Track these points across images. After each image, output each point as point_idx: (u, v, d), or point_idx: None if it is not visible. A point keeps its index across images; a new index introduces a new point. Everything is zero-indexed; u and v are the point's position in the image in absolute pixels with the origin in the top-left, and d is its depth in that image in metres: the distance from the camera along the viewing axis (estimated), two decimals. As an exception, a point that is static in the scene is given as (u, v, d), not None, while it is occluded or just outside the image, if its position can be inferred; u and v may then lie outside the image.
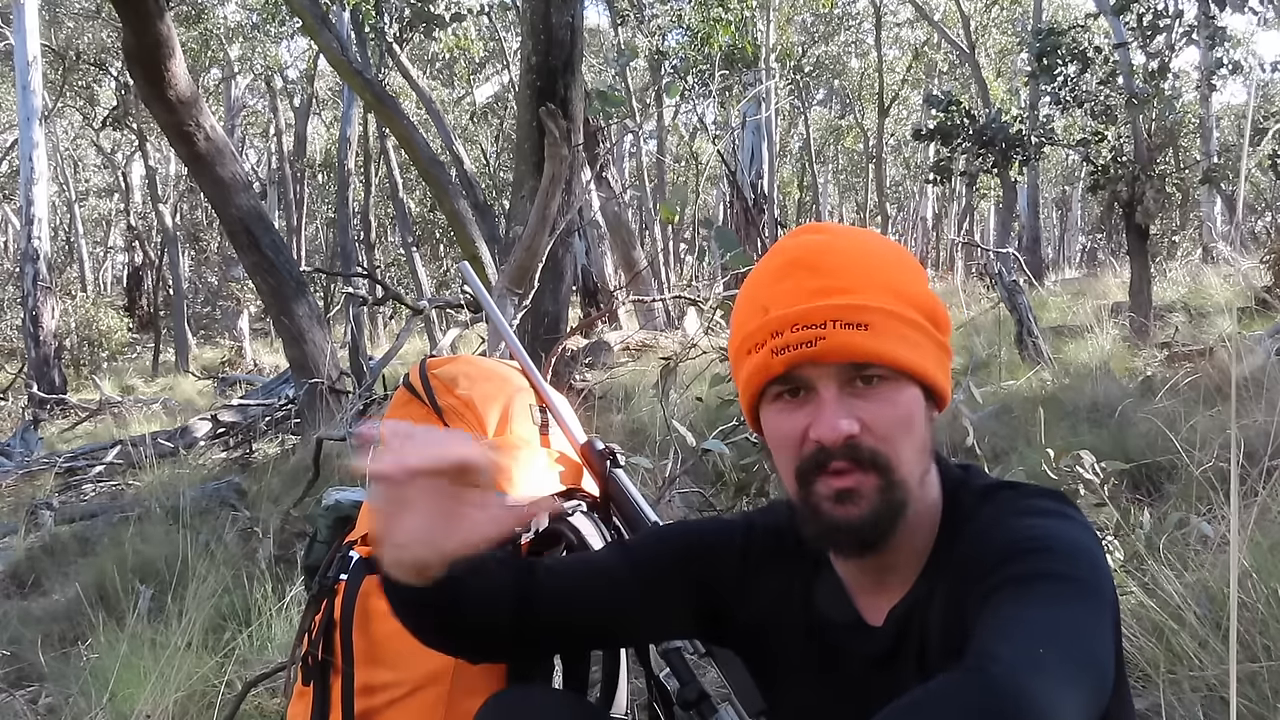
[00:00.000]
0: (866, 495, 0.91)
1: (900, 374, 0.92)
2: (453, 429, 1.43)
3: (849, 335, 0.90)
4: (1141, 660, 1.84)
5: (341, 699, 1.31)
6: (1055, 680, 0.73)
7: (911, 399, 0.93)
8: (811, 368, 0.91)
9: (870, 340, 0.90)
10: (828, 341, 0.90)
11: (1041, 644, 0.76)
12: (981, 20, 18.81)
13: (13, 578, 3.89)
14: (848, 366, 0.91)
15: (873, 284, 0.93)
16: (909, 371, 0.92)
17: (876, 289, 0.92)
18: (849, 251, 0.96)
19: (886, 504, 0.91)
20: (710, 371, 3.35)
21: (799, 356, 0.91)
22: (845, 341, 0.90)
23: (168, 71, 4.86)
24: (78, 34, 17.99)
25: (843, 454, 0.91)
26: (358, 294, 9.69)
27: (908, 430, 0.92)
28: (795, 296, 0.93)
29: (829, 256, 0.95)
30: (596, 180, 10.46)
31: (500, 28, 14.84)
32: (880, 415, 0.91)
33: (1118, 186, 7.21)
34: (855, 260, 0.95)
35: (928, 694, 0.75)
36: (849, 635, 1.01)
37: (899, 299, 0.93)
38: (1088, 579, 0.84)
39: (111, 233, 26.73)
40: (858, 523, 0.91)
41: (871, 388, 0.92)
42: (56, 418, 10.11)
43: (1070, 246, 28.63)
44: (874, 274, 0.94)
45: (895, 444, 0.91)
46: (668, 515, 3.07)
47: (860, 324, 0.90)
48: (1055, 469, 2.60)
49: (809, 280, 0.93)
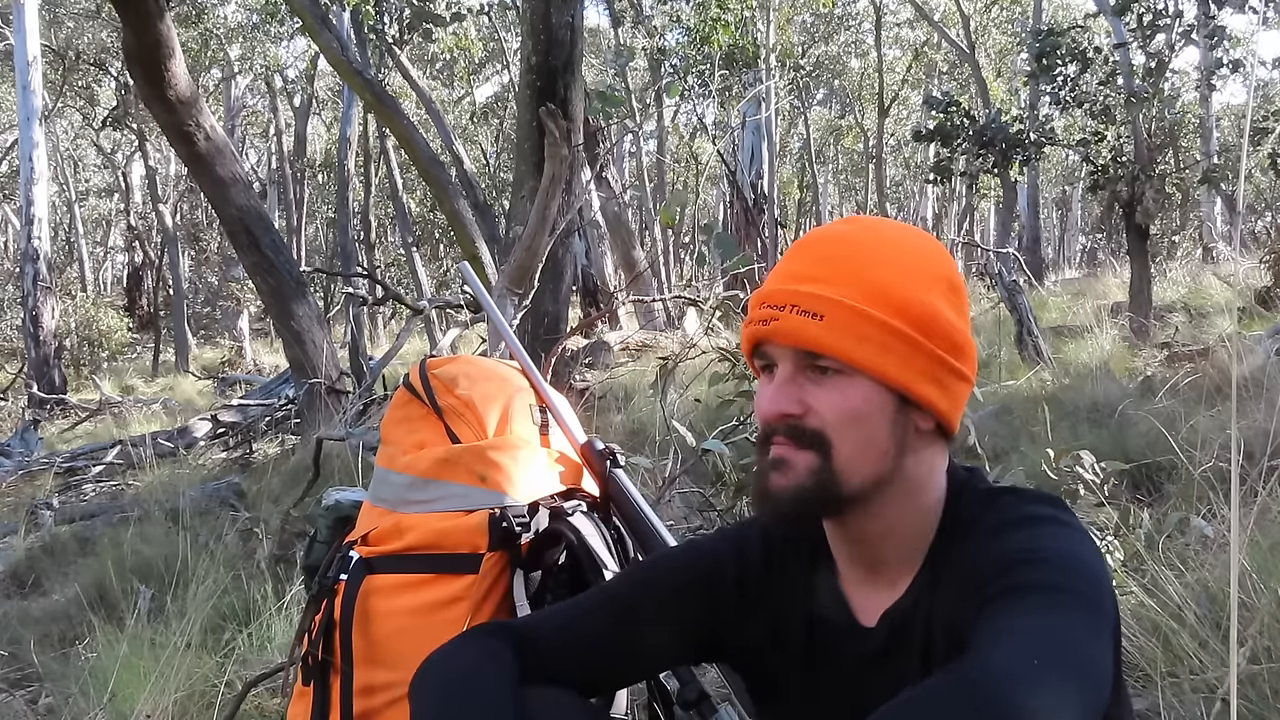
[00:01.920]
0: (796, 469, 0.94)
1: (854, 370, 0.92)
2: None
3: (801, 321, 0.92)
4: (1141, 660, 1.84)
5: (340, 699, 1.31)
6: (1048, 692, 0.73)
7: (863, 396, 0.93)
8: (773, 347, 0.95)
9: (820, 330, 0.92)
10: (780, 324, 0.93)
11: (1035, 655, 0.76)
12: (981, 20, 18.81)
13: (13, 578, 3.89)
14: (801, 352, 0.93)
15: (850, 279, 0.93)
16: (861, 369, 0.92)
17: (851, 285, 0.93)
18: (850, 244, 0.96)
19: (816, 485, 0.93)
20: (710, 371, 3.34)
21: (756, 333, 0.96)
22: (795, 327, 0.92)
23: (168, 71, 4.85)
24: (78, 34, 17.99)
25: (783, 431, 0.94)
26: (358, 294, 9.69)
27: (854, 424, 0.93)
28: (778, 277, 0.97)
29: (826, 246, 0.97)
30: (596, 180, 10.46)
31: (500, 28, 14.84)
32: (826, 403, 0.93)
33: (1118, 186, 7.21)
34: (847, 253, 0.95)
35: (917, 700, 0.75)
36: (843, 635, 1.01)
37: (876, 299, 0.92)
38: (1084, 589, 0.84)
39: (111, 233, 26.74)
40: (781, 493, 0.94)
41: (825, 376, 0.93)
42: (56, 418, 10.11)
43: (1070, 246, 28.63)
44: (859, 270, 0.93)
45: (838, 433, 0.93)
46: (667, 515, 3.07)
47: (815, 313, 0.92)
48: (1055, 469, 2.60)
49: (795, 264, 0.97)
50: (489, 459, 1.38)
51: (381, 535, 1.37)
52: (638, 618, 1.06)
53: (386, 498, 1.41)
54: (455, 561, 1.32)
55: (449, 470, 1.38)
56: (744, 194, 12.36)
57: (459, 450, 1.40)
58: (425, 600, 1.31)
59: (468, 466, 1.37)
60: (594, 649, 1.05)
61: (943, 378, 0.95)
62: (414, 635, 1.27)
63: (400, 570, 1.33)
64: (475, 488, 1.36)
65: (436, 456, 1.39)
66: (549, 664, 1.03)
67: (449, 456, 1.39)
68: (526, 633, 1.05)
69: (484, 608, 1.31)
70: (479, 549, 1.32)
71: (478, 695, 0.95)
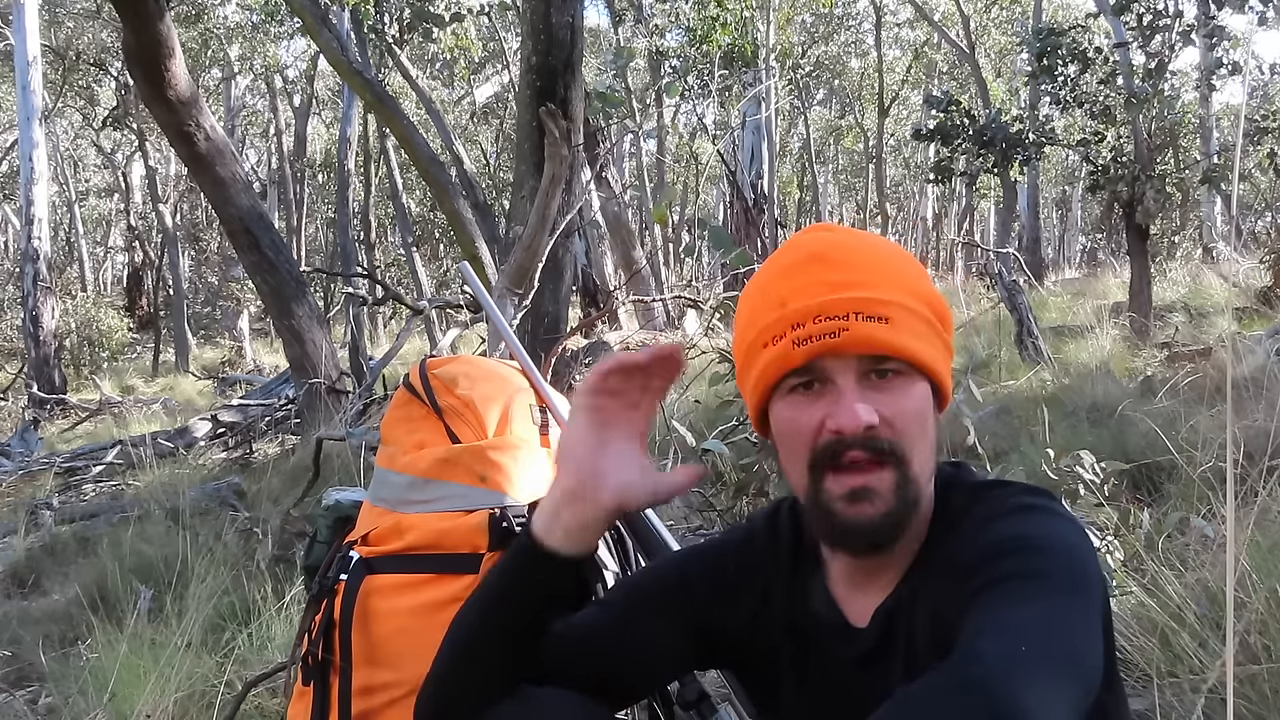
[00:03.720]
0: (882, 494, 0.91)
1: (914, 369, 0.93)
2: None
3: (871, 327, 0.91)
4: (1141, 660, 1.84)
5: (340, 699, 1.31)
6: (1037, 677, 0.74)
7: (924, 394, 0.94)
8: (832, 359, 0.92)
9: (891, 333, 0.91)
10: (850, 333, 0.91)
11: (1023, 641, 0.76)
12: (981, 20, 18.81)
13: (13, 578, 3.89)
14: (867, 359, 0.92)
15: (889, 280, 0.94)
16: (923, 367, 0.93)
17: (893, 285, 0.94)
18: (862, 249, 0.97)
19: (901, 502, 0.91)
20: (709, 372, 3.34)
21: (821, 348, 0.91)
22: (868, 334, 0.91)
23: (168, 71, 4.85)
24: (78, 34, 18.00)
25: (861, 444, 0.91)
26: (358, 294, 9.69)
27: (922, 425, 0.93)
28: (816, 289, 0.93)
29: (844, 252, 0.96)
30: (596, 180, 10.46)
31: (500, 28, 14.84)
32: (897, 409, 0.92)
33: (1118, 186, 7.20)
34: (870, 257, 0.96)
35: (910, 695, 0.76)
36: (834, 637, 1.01)
37: (913, 295, 0.94)
38: (1072, 575, 0.84)
39: (111, 233, 26.74)
40: (872, 523, 0.91)
41: (886, 381, 0.92)
42: (56, 418, 10.11)
43: (1070, 246, 28.63)
44: (889, 270, 0.95)
45: (911, 439, 0.92)
46: (667, 515, 3.07)
47: (882, 317, 0.91)
48: (1055, 469, 2.60)
49: (828, 274, 0.94)
50: (489, 459, 1.38)
51: (381, 535, 1.37)
52: (639, 623, 1.06)
53: (386, 498, 1.41)
54: (455, 561, 1.32)
55: (449, 470, 1.38)
56: (744, 194, 12.35)
57: (459, 450, 1.40)
58: (425, 600, 1.31)
59: (468, 466, 1.37)
60: (598, 656, 1.05)
61: (950, 362, 0.98)
62: (414, 635, 1.28)
63: (400, 570, 1.33)
64: (475, 488, 1.36)
65: (436, 456, 1.39)
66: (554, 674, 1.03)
67: (449, 456, 1.39)
68: None
69: (484, 608, 1.30)
70: (479, 549, 1.32)
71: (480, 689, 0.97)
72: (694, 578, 1.09)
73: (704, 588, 1.08)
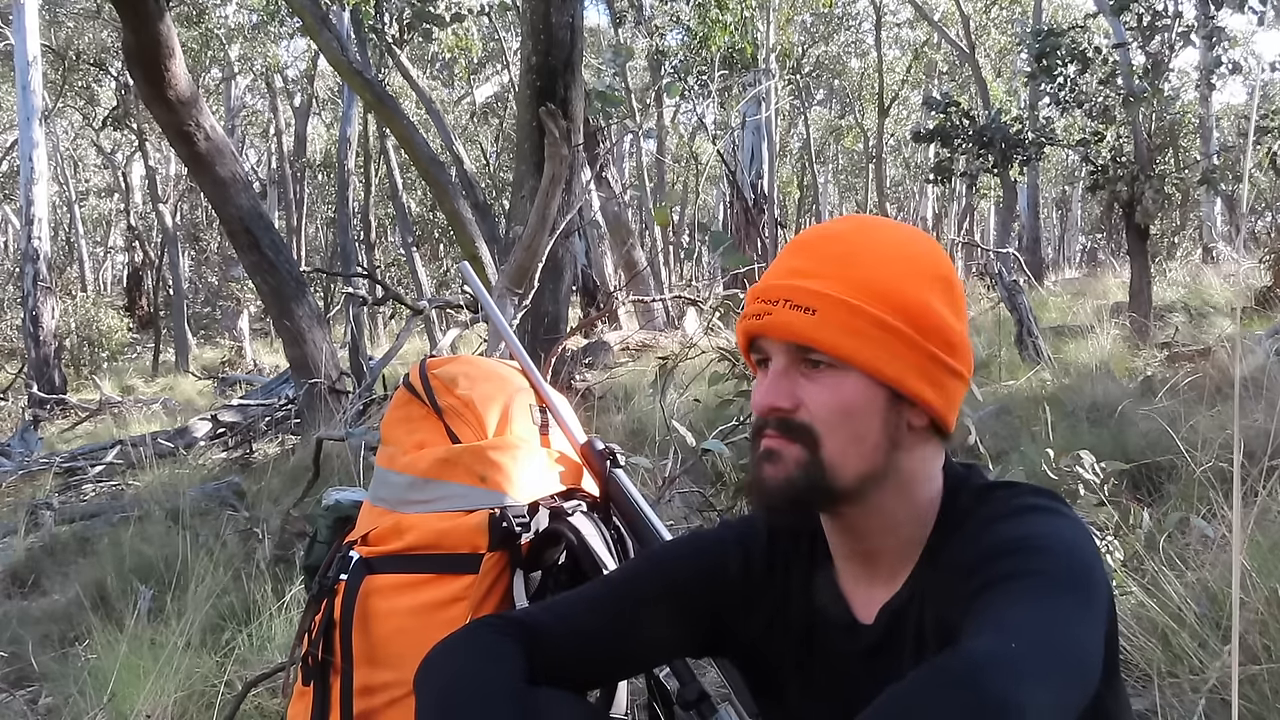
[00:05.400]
0: (785, 461, 0.95)
1: (845, 364, 0.93)
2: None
3: (792, 315, 0.93)
4: (1141, 660, 1.84)
5: (340, 699, 1.31)
6: (1028, 674, 0.74)
7: (854, 391, 0.94)
8: (766, 341, 0.97)
9: (811, 325, 0.93)
10: (773, 318, 0.94)
11: (1016, 639, 0.76)
12: (981, 20, 18.81)
13: (13, 578, 3.89)
14: (794, 346, 0.94)
15: (845, 276, 0.94)
16: (852, 364, 0.93)
17: (845, 281, 0.94)
18: (845, 242, 0.97)
19: (804, 477, 0.94)
20: (709, 371, 3.34)
21: (750, 327, 0.97)
22: (787, 321, 0.93)
23: (168, 71, 4.85)
24: (78, 34, 17.99)
25: (774, 425, 0.96)
26: (358, 294, 9.68)
27: (844, 418, 0.94)
28: (775, 273, 0.98)
29: (822, 243, 0.98)
30: (596, 180, 10.46)
31: (500, 28, 14.84)
32: (816, 398, 0.94)
33: (1117, 186, 7.20)
34: (842, 250, 0.96)
35: (901, 691, 0.76)
36: (842, 633, 1.02)
37: (871, 296, 0.93)
38: (1072, 575, 0.84)
39: (111, 233, 26.72)
40: (771, 484, 0.95)
41: (817, 371, 0.94)
42: (56, 418, 10.11)
43: (1070, 246, 28.62)
44: (854, 267, 0.94)
45: (827, 427, 0.94)
46: (667, 515, 3.07)
47: (807, 308, 0.93)
48: (1055, 469, 2.60)
49: (794, 260, 0.97)
50: (489, 459, 1.38)
51: (381, 535, 1.36)
52: (642, 608, 1.07)
53: (386, 498, 1.41)
54: (455, 561, 1.32)
55: (449, 470, 1.38)
56: (744, 194, 12.35)
57: (459, 450, 1.40)
58: (425, 600, 1.30)
59: (468, 466, 1.37)
60: (598, 639, 1.06)
61: (937, 375, 0.95)
62: (414, 635, 1.27)
63: (400, 570, 1.33)
64: (475, 488, 1.36)
65: (436, 456, 1.39)
66: (553, 655, 1.03)
67: (449, 456, 1.39)
68: (532, 625, 1.06)
69: (484, 608, 1.30)
70: (479, 549, 1.32)
71: (482, 693, 0.96)
72: (704, 564, 1.10)
73: (714, 575, 1.09)
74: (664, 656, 1.16)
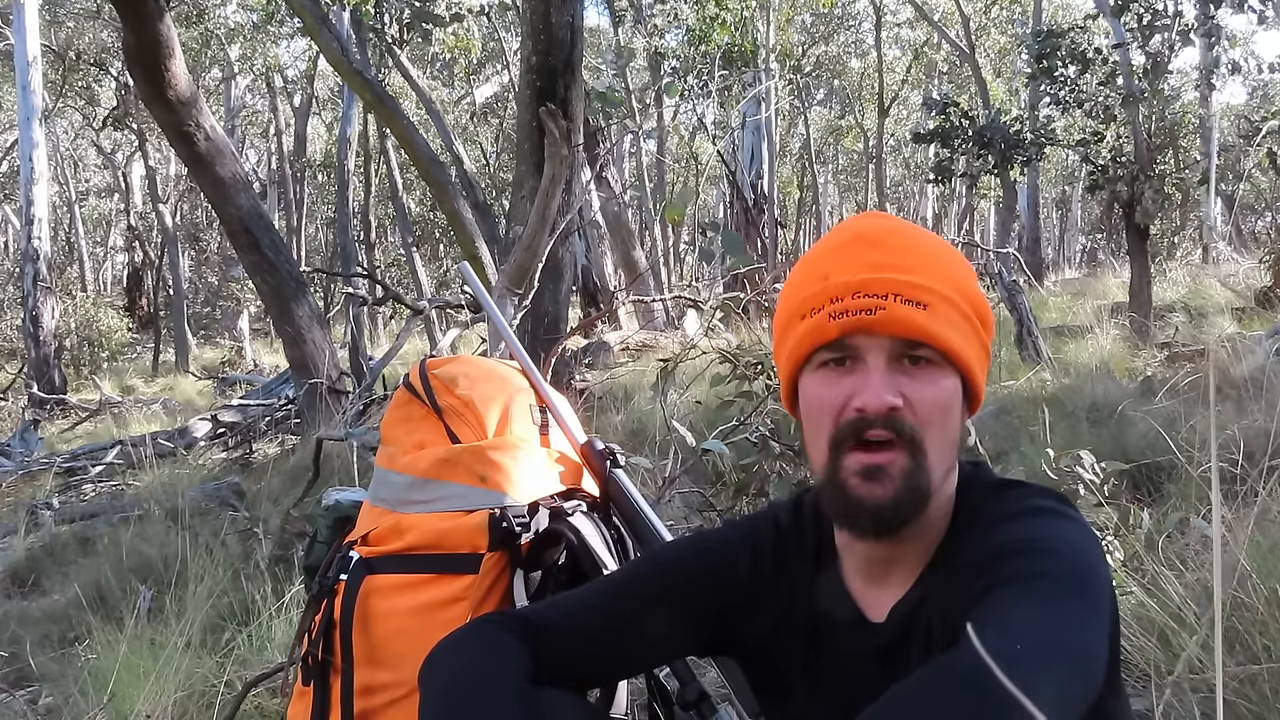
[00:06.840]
0: (893, 475, 0.91)
1: (946, 360, 0.93)
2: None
3: (908, 310, 0.91)
4: (1141, 660, 1.84)
5: (340, 699, 1.31)
6: (1031, 675, 0.74)
7: (953, 388, 0.94)
8: (865, 337, 0.92)
9: (927, 319, 0.91)
10: (887, 313, 0.91)
11: (1020, 639, 0.77)
12: (981, 20, 18.81)
13: (13, 578, 3.88)
14: (900, 342, 0.92)
15: (932, 269, 0.94)
16: (955, 359, 0.93)
17: (935, 274, 0.94)
18: (913, 237, 0.98)
19: (910, 488, 0.92)
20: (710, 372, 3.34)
21: (856, 324, 0.92)
22: (904, 316, 0.91)
23: (168, 71, 4.85)
24: (78, 34, 17.99)
25: (883, 424, 0.91)
26: (358, 294, 9.69)
27: (944, 418, 0.93)
28: (858, 267, 0.94)
29: (894, 237, 0.97)
30: (596, 180, 10.46)
31: (500, 28, 14.83)
32: (923, 396, 0.92)
33: (1117, 186, 7.21)
34: (916, 244, 0.96)
35: (905, 690, 0.76)
36: (851, 633, 1.01)
37: (954, 288, 0.94)
38: (1077, 576, 0.85)
39: (111, 233, 26.73)
40: (879, 502, 0.92)
41: (918, 368, 0.93)
42: (56, 418, 10.11)
43: (1070, 246, 28.61)
44: (935, 261, 0.95)
45: (931, 428, 0.92)
46: (667, 515, 3.06)
47: (920, 302, 0.91)
48: (1055, 469, 2.60)
49: (872, 255, 0.94)
50: (489, 459, 1.38)
51: (381, 535, 1.36)
52: (644, 609, 1.07)
53: (386, 498, 1.41)
54: (455, 562, 1.32)
55: (449, 470, 1.37)
56: (744, 194, 12.36)
57: (459, 450, 1.40)
58: (425, 600, 1.30)
59: (468, 466, 1.37)
60: (600, 638, 1.06)
61: (986, 364, 0.98)
62: (414, 635, 1.27)
63: (400, 570, 1.33)
64: (475, 488, 1.36)
65: (436, 456, 1.39)
66: (557, 653, 1.03)
67: (449, 456, 1.39)
68: (536, 622, 1.06)
69: (484, 608, 1.30)
70: (479, 549, 1.32)
71: (487, 689, 0.96)
72: (711, 563, 1.09)
73: (721, 575, 1.08)
74: (666, 656, 1.16)
